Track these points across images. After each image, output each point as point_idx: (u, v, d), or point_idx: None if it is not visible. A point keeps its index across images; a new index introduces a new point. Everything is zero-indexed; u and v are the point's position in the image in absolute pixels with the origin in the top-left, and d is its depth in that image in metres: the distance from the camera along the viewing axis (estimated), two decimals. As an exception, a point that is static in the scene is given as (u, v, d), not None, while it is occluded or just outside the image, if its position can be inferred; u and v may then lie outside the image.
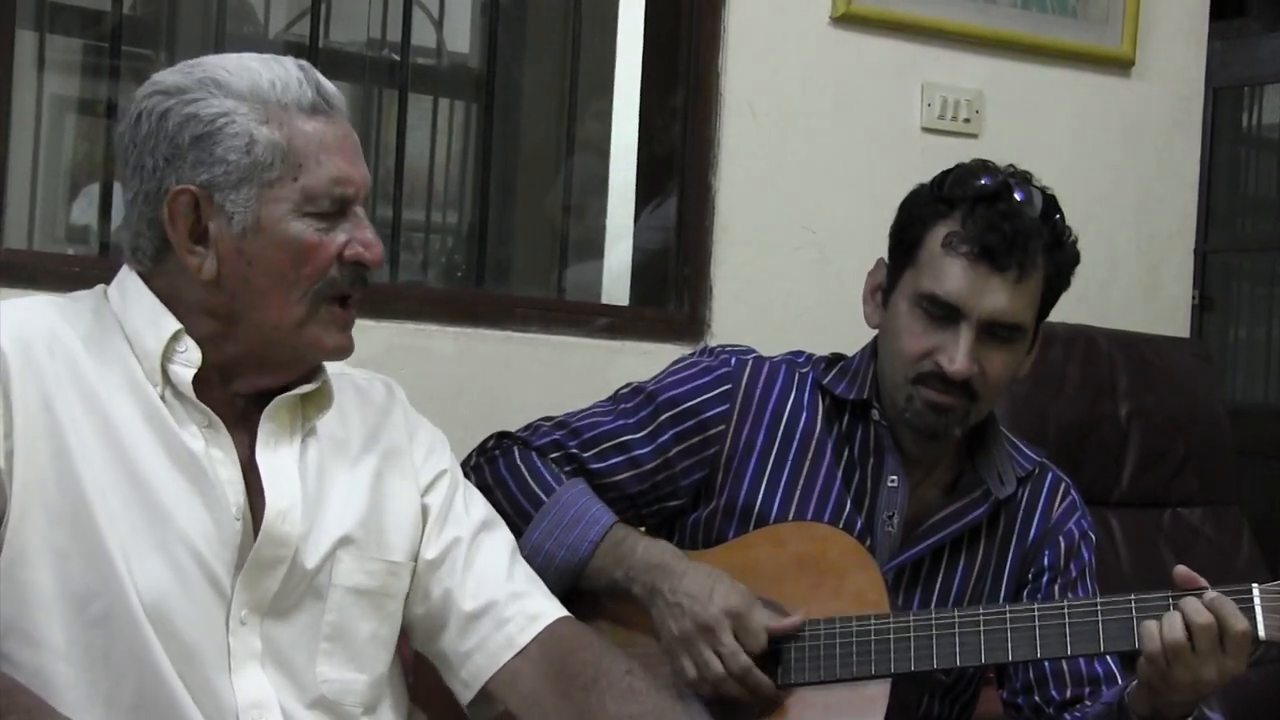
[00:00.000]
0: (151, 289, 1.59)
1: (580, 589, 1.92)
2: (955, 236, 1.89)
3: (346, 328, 1.63)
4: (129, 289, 1.61)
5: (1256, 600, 1.76)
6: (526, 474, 1.97)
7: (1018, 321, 1.91)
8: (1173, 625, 1.74)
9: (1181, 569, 1.81)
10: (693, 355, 2.10)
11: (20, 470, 1.49)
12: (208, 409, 1.58)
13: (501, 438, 2.05)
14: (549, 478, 1.97)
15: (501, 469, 1.99)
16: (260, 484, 1.60)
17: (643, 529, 2.03)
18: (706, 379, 2.03)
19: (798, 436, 2.01)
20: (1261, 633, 1.76)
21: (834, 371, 2.04)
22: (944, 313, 1.89)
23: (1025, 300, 1.91)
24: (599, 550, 1.91)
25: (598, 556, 1.91)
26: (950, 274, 1.89)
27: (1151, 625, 1.76)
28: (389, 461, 1.73)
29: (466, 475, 1.97)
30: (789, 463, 2.00)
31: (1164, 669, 1.75)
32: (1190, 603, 1.75)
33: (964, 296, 1.88)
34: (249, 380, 1.62)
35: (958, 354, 1.88)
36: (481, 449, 2.05)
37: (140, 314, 1.58)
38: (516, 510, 1.94)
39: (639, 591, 1.89)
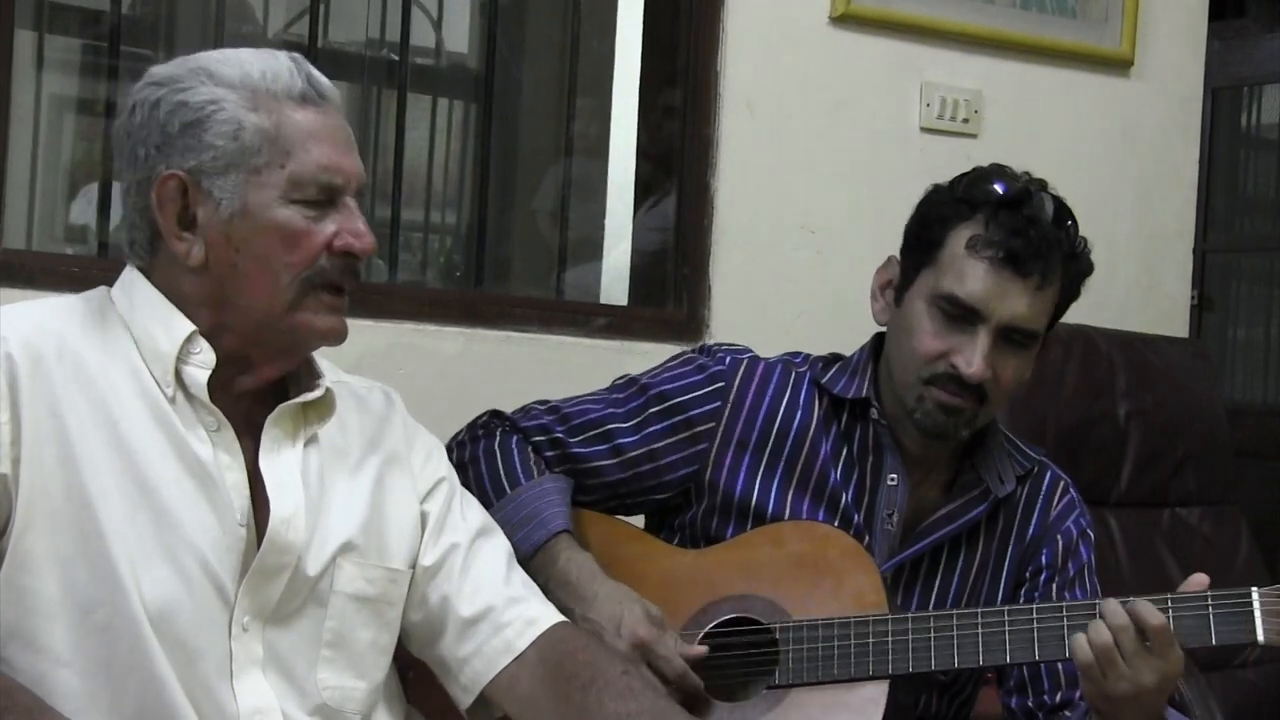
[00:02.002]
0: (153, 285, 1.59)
1: None
2: (979, 240, 1.89)
3: (337, 311, 1.61)
4: (136, 290, 1.60)
5: (1255, 604, 1.76)
6: (500, 461, 1.97)
7: (1034, 328, 1.92)
8: (1099, 631, 1.75)
9: (1196, 577, 1.80)
10: (689, 352, 2.10)
11: (27, 477, 1.49)
12: (218, 411, 1.58)
13: (493, 416, 2.06)
14: (519, 469, 1.96)
15: (480, 450, 2.00)
16: (263, 490, 1.59)
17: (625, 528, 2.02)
18: (699, 376, 2.03)
19: (792, 434, 2.01)
20: (1260, 637, 1.76)
21: (832, 370, 2.05)
22: (962, 314, 1.89)
23: (1043, 307, 1.92)
24: (538, 554, 1.88)
25: (535, 560, 1.88)
26: (973, 276, 1.89)
27: (1080, 636, 1.76)
28: (388, 469, 1.73)
29: (450, 449, 1.97)
30: (782, 460, 2.00)
31: (1100, 680, 1.75)
32: (1108, 605, 1.76)
33: (986, 300, 1.88)
34: (254, 373, 1.61)
35: (974, 357, 1.88)
36: (471, 425, 2.06)
37: (150, 315, 1.58)
38: (480, 494, 1.93)
39: (555, 604, 1.86)
